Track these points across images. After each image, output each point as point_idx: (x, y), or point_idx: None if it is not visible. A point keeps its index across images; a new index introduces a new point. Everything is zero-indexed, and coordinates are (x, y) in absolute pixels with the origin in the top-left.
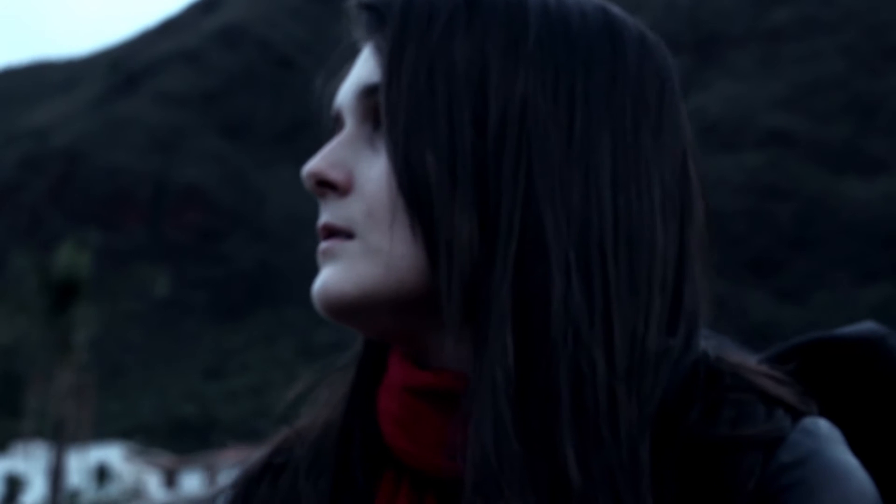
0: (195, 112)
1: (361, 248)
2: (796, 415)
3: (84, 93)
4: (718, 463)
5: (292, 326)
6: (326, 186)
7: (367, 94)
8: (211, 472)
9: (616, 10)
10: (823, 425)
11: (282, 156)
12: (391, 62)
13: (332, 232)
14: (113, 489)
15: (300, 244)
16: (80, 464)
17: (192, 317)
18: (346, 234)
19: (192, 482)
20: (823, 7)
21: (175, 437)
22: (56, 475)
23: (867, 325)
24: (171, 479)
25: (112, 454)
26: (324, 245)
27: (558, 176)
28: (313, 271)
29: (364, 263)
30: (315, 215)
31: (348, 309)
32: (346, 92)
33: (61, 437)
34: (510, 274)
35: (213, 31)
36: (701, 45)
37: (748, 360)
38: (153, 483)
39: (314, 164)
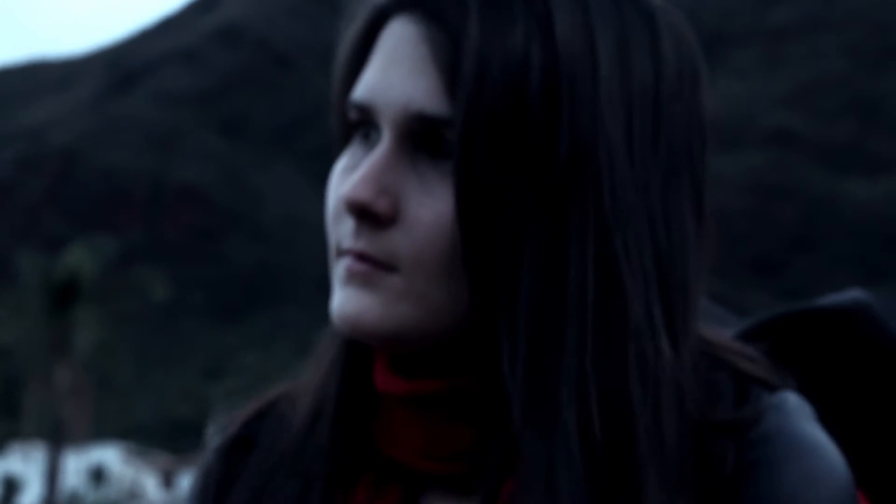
0: (193, 111)
1: (404, 287)
2: (769, 390)
3: (81, 92)
4: (694, 447)
5: (291, 327)
6: (368, 215)
7: (423, 120)
8: None
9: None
10: (792, 400)
11: (280, 155)
12: (471, 115)
13: (368, 260)
14: (110, 490)
15: (299, 244)
16: (77, 465)
17: (190, 317)
18: (387, 266)
19: (189, 483)
20: (825, 6)
21: (173, 438)
22: (53, 476)
23: (852, 294)
24: (168, 480)
25: (110, 455)
26: (357, 267)
27: (631, 231)
28: (312, 272)
29: (405, 304)
30: (314, 216)
31: (375, 339)
32: (391, 102)
33: (59, 437)
34: (590, 340)
35: (212, 30)
36: (702, 44)
37: (723, 337)
38: (151, 484)
39: (359, 192)
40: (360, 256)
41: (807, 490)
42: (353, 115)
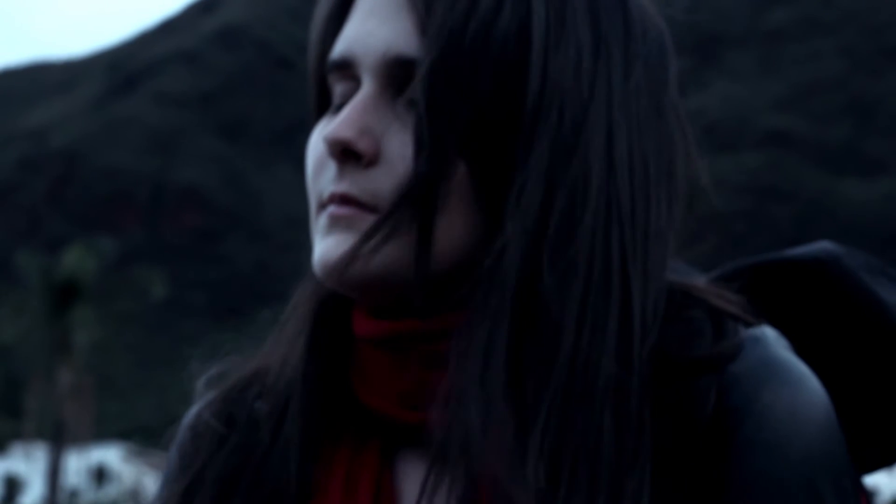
0: (194, 113)
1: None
2: (745, 325)
3: (83, 93)
4: (673, 385)
5: None
6: (351, 155)
7: (402, 64)
8: None
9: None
10: (769, 332)
11: (280, 157)
12: (440, 50)
13: (351, 202)
14: (112, 490)
15: (299, 245)
16: (79, 464)
17: (191, 318)
18: (370, 207)
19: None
20: (822, 8)
21: None
22: (54, 476)
23: (821, 245)
24: None
25: (111, 455)
26: (340, 211)
27: (589, 170)
28: (312, 272)
29: (390, 245)
30: None
31: (362, 285)
32: (370, 49)
33: (60, 437)
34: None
35: (212, 31)
36: (700, 45)
37: (696, 280)
38: (152, 483)
39: (342, 131)
40: (344, 199)
41: (796, 427)
42: (332, 77)
